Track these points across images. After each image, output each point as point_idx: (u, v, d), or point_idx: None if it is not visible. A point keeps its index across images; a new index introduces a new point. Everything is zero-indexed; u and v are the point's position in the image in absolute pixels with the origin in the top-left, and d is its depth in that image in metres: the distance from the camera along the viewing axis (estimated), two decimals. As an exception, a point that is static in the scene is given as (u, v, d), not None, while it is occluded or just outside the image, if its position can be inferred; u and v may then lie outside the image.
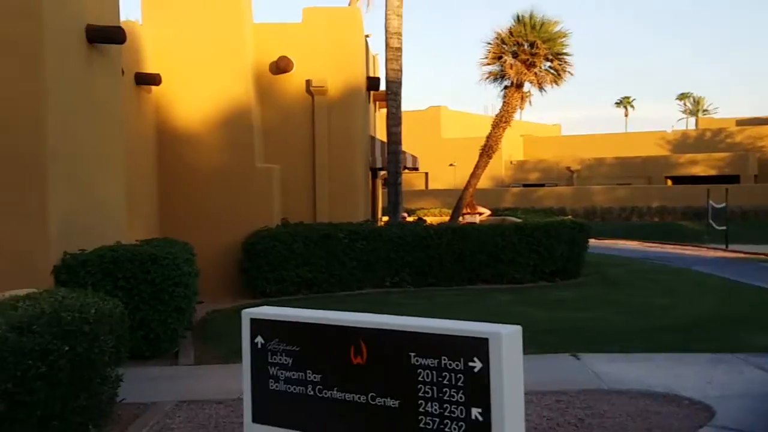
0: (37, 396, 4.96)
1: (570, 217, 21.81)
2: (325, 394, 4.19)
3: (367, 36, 18.19)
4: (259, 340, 4.46)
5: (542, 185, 48.45)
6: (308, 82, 15.71)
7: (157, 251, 8.92)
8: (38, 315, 5.25)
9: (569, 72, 20.88)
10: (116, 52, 10.54)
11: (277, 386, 4.38)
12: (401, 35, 17.63)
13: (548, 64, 20.84)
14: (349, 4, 27.29)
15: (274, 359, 4.39)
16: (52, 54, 8.67)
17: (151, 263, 8.72)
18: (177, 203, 14.25)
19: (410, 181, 45.40)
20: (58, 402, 5.26)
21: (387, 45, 17.57)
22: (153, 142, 14.27)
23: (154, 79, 13.69)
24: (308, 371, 4.26)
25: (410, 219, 21.17)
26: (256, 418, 4.48)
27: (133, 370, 7.47)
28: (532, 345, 5.91)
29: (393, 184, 17.45)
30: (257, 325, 4.49)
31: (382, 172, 20.23)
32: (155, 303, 8.71)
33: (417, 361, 3.83)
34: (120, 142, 10.70)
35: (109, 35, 9.82)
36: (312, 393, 4.24)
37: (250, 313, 4.56)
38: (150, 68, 13.79)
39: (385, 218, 19.29)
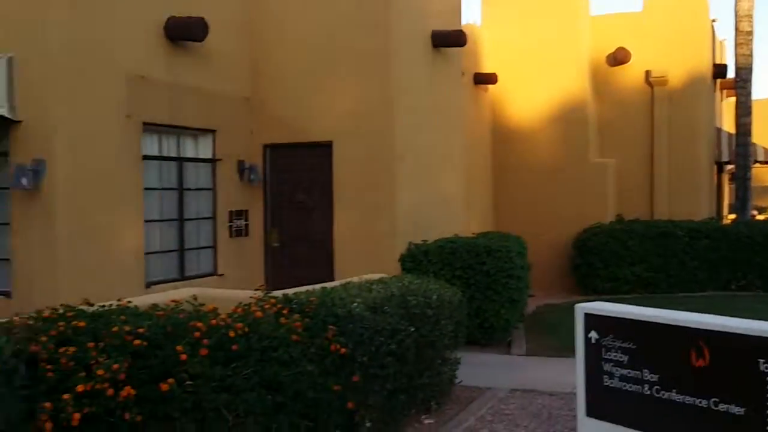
0: (387, 370, 5.49)
1: None
2: (663, 395, 4.07)
3: (713, 21, 16.96)
4: (593, 335, 4.47)
5: None
6: (647, 72, 15.15)
7: (492, 243, 9.26)
8: (389, 297, 5.79)
9: None
10: (457, 55, 11.16)
11: (611, 383, 4.35)
12: (752, 18, 16.13)
13: None
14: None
15: (609, 355, 4.37)
16: (400, 61, 9.49)
17: (486, 255, 9.08)
18: (510, 198, 14.68)
19: (762, 176, 41.07)
20: (405, 378, 5.78)
21: (736, 29, 16.19)
22: (488, 139, 14.84)
23: (490, 79, 14.24)
24: (645, 370, 4.17)
25: (761, 217, 19.26)
26: (590, 413, 4.50)
27: (469, 356, 7.88)
28: None
29: (741, 179, 16.04)
30: (591, 320, 4.50)
31: (729, 167, 18.70)
32: (489, 293, 9.06)
33: (766, 368, 3.56)
34: (460, 140, 11.34)
35: (451, 39, 10.45)
36: (648, 393, 4.15)
37: (584, 307, 4.59)
38: (486, 68, 14.35)
39: (732, 216, 17.78)
